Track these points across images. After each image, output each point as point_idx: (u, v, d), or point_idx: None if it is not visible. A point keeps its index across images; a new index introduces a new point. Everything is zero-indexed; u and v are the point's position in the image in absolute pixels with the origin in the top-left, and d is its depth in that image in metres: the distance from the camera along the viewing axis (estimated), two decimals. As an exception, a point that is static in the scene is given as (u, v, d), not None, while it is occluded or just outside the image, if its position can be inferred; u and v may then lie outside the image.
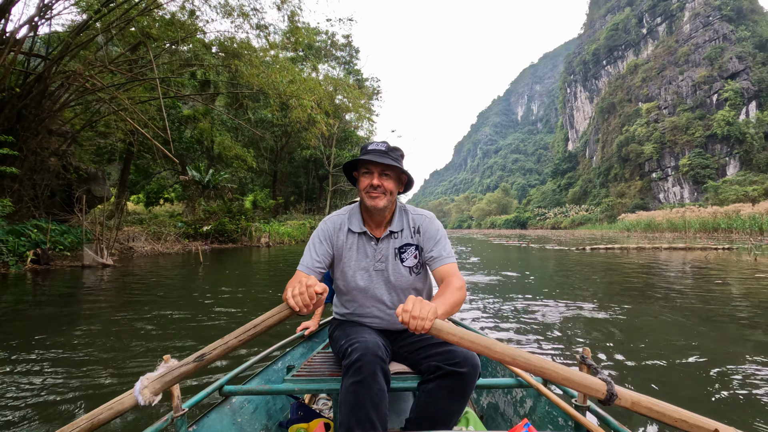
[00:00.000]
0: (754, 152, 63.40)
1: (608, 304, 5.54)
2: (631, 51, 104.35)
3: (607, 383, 1.02)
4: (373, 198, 1.57)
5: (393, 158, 1.58)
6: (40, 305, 5.32)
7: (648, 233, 40.82)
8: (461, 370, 1.40)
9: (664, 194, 77.80)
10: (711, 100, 74.97)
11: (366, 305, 1.68)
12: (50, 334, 3.88)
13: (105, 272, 8.22)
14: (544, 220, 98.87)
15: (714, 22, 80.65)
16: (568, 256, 14.83)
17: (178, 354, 3.03)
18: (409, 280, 1.66)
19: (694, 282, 7.65)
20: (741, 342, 3.74)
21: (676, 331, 4.12)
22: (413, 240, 1.66)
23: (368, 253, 1.66)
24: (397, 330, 1.71)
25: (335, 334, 1.70)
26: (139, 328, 4.15)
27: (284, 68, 12.75)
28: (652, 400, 0.99)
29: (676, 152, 75.87)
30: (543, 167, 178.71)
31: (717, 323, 4.42)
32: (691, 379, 2.84)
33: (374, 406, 1.31)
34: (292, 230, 22.19)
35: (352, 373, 1.35)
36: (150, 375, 1.04)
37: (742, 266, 10.07)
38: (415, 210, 1.73)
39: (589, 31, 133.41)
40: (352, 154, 36.31)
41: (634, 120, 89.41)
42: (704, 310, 5.05)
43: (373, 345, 1.42)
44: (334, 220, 1.69)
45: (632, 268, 10.43)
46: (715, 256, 13.21)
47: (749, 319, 4.60)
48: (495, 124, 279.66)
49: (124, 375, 2.92)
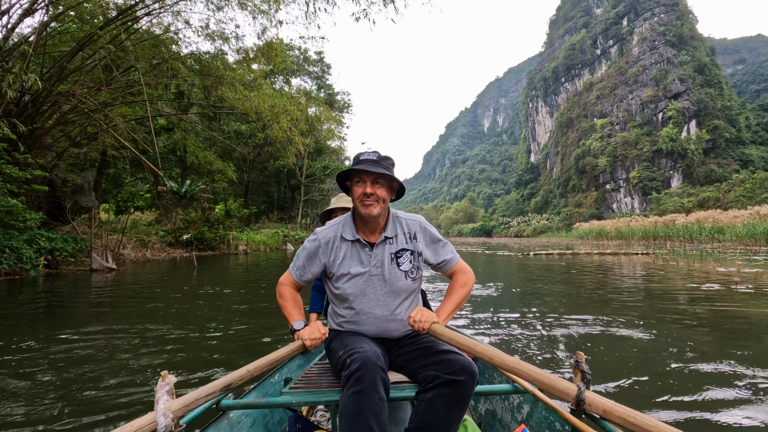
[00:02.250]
0: (695, 166, 69.05)
1: (509, 291, 7.25)
2: (586, 70, 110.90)
3: (579, 389, 1.05)
4: (367, 206, 1.63)
5: (384, 167, 1.65)
6: (79, 302, 6.47)
7: (598, 240, 44.16)
8: (459, 379, 1.43)
9: (617, 204, 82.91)
10: (657, 117, 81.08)
11: (363, 311, 1.70)
12: (99, 323, 5.14)
13: (111, 275, 9.29)
14: (508, 229, 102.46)
15: (659, 46, 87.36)
16: (509, 260, 16.88)
17: (183, 355, 3.87)
18: (405, 283, 1.70)
19: (586, 276, 9.59)
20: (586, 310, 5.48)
21: (547, 308, 5.83)
22: (409, 245, 1.73)
23: (363, 260, 1.70)
24: (393, 338, 1.74)
25: (332, 344, 1.71)
26: (166, 319, 5.44)
27: (266, 94, 14.09)
28: (629, 411, 1.00)
29: (627, 165, 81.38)
30: (508, 177, 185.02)
31: (580, 304, 6.19)
32: (544, 342, 4.50)
33: (375, 415, 1.32)
34: (266, 239, 23.34)
35: (353, 383, 1.37)
36: (173, 403, 1.06)
37: (644, 266, 12.20)
38: (407, 216, 1.81)
39: (549, 49, 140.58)
40: (324, 164, 37.61)
41: (589, 134, 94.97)
42: (575, 295, 6.84)
43: (373, 355, 1.44)
44: (326, 233, 1.75)
45: (551, 267, 12.46)
46: (627, 260, 15.52)
47: (591, 296, 6.39)
48: (462, 135, 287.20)
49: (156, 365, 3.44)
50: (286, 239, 26.53)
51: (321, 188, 39.03)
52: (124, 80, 13.81)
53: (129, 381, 2.99)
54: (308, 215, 41.86)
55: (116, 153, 16.24)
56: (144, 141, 15.31)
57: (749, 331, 4.43)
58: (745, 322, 4.83)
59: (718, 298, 6.55)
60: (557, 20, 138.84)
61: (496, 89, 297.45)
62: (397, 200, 1.81)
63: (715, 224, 31.22)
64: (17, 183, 8.68)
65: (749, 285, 7.85)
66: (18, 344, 3.91)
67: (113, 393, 2.75)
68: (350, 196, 1.72)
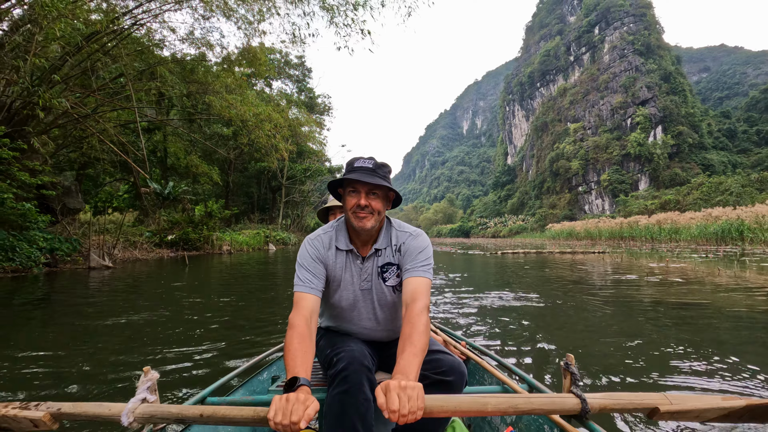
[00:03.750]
0: (660, 170, 72.55)
1: (467, 279, 8.43)
2: (560, 76, 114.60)
3: (581, 399, 1.07)
4: (360, 219, 1.53)
5: (381, 176, 1.54)
6: (90, 297, 7.30)
7: (568, 241, 46.24)
8: (448, 379, 1.43)
9: (588, 206, 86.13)
10: (626, 123, 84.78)
11: (353, 321, 1.68)
12: (112, 316, 6.04)
13: (108, 273, 10.03)
14: (486, 229, 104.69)
15: (628, 54, 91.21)
16: (480, 258, 18.21)
17: (173, 333, 4.93)
18: (392, 297, 1.64)
19: (535, 271, 10.89)
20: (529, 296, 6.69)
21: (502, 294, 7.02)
22: (394, 259, 1.63)
23: (354, 272, 1.64)
24: (382, 341, 1.72)
25: (321, 343, 1.68)
26: (170, 308, 6.37)
27: (251, 102, 14.99)
28: (612, 396, 1.08)
29: (598, 168, 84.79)
30: (486, 179, 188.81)
31: (527, 291, 7.42)
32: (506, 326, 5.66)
33: (360, 416, 1.30)
34: (249, 239, 24.11)
35: (338, 382, 1.35)
36: (142, 407, 1.09)
37: (592, 262, 13.64)
38: (402, 226, 1.70)
39: (525, 54, 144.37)
40: (304, 167, 38.37)
41: (563, 138, 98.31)
42: (513, 281, 8.09)
43: (360, 354, 1.43)
44: (322, 239, 1.65)
45: (511, 264, 13.75)
46: (581, 258, 17.04)
47: (523, 281, 7.63)
48: (442, 137, 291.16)
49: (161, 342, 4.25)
50: (267, 240, 27.27)
51: (301, 190, 39.73)
52: (112, 87, 14.43)
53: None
54: (289, 216, 42.50)
55: (100, 155, 16.78)
56: (130, 144, 15.94)
57: (634, 306, 5.71)
58: (633, 300, 6.13)
59: (625, 283, 7.99)
60: (533, 26, 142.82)
61: (474, 92, 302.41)
62: (393, 209, 1.68)
63: (672, 225, 33.40)
64: (28, 188, 9.35)
65: (659, 276, 9.35)
66: (50, 333, 4.80)
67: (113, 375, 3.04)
68: (342, 204, 1.62)
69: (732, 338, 4.08)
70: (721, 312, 5.28)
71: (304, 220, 45.47)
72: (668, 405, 1.04)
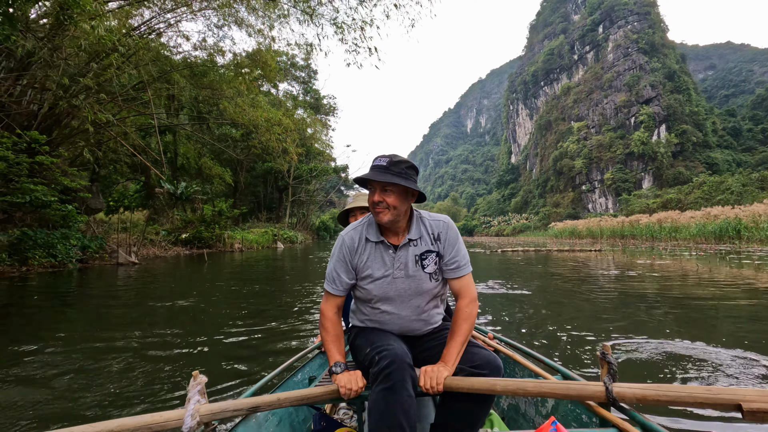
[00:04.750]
0: (664, 169, 72.60)
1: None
2: (564, 74, 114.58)
3: (606, 387, 1.07)
4: (377, 213, 1.63)
5: (395, 173, 1.61)
6: (128, 290, 8.14)
7: (570, 239, 46.77)
8: (483, 372, 1.47)
9: (592, 204, 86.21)
10: (630, 122, 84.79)
11: (387, 312, 1.72)
12: (156, 301, 6.85)
13: (135, 269, 10.92)
14: (489, 228, 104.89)
15: (632, 53, 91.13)
16: (482, 256, 19.00)
17: (210, 348, 5.21)
18: (429, 286, 1.70)
19: (525, 264, 11.63)
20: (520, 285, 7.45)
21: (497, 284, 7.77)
22: (434, 247, 1.70)
23: (386, 262, 1.70)
24: (417, 334, 1.78)
25: (357, 342, 1.75)
26: (199, 304, 7.18)
27: (262, 108, 15.86)
28: (660, 388, 1.05)
29: (602, 167, 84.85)
30: (490, 177, 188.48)
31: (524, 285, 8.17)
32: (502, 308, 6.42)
33: (404, 412, 1.35)
34: (258, 237, 25.05)
35: (382, 380, 1.40)
36: (202, 407, 1.12)
37: (584, 259, 14.34)
38: (431, 216, 1.77)
39: (529, 53, 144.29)
40: (310, 167, 39.24)
41: (567, 137, 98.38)
42: (502, 273, 8.83)
43: (401, 352, 1.47)
44: (352, 235, 1.74)
45: (509, 260, 14.46)
46: (578, 255, 17.82)
47: (510, 273, 8.38)
48: (446, 135, 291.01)
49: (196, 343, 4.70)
50: (276, 238, 28.16)
51: (308, 189, 40.55)
52: (133, 93, 15.30)
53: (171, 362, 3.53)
54: (295, 215, 43.40)
55: (120, 158, 17.69)
56: (146, 146, 16.85)
57: (616, 299, 6.46)
58: (613, 291, 6.88)
59: (608, 277, 8.70)
60: (537, 25, 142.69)
61: (479, 90, 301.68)
62: (419, 203, 1.76)
63: (672, 224, 33.87)
64: (68, 191, 10.22)
65: (639, 271, 10.09)
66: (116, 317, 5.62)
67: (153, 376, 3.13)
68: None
69: (651, 319, 4.83)
70: (663, 296, 6.10)
71: (309, 219, 46.34)
72: (755, 402, 0.95)
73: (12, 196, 8.35)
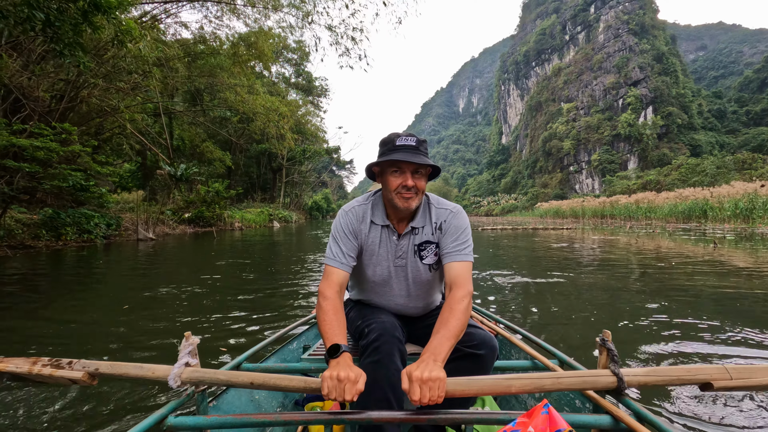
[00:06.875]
0: (649, 150, 74.29)
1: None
2: (555, 55, 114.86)
3: (617, 375, 1.07)
4: (406, 199, 1.51)
5: (424, 153, 1.51)
6: (160, 260, 9.56)
7: (554, 219, 48.62)
8: (479, 352, 1.44)
9: (579, 185, 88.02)
10: (617, 103, 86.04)
11: (385, 296, 1.70)
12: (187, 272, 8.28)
13: (152, 244, 12.29)
14: (479, 208, 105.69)
15: (622, 34, 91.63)
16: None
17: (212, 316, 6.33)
18: (428, 276, 1.64)
19: (505, 241, 13.23)
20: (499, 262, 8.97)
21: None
22: (434, 237, 1.60)
23: (389, 248, 1.63)
24: (413, 316, 1.74)
25: (351, 315, 1.71)
26: (220, 269, 8.62)
27: (261, 97, 17.07)
28: (656, 372, 1.08)
29: (589, 148, 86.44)
30: (481, 158, 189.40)
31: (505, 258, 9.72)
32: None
33: (391, 385, 1.32)
34: (255, 216, 26.56)
35: (370, 353, 1.39)
36: (188, 371, 1.17)
37: (554, 237, 16.01)
38: (441, 202, 1.66)
39: (521, 32, 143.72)
40: (303, 148, 40.21)
41: (556, 118, 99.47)
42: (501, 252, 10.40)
43: (391, 326, 1.46)
44: (356, 211, 1.64)
45: (484, 237, 16.10)
46: (551, 233, 19.50)
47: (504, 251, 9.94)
48: (438, 115, 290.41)
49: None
50: (272, 217, 29.59)
51: (300, 170, 41.63)
52: (138, 80, 16.33)
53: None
54: (288, 195, 44.60)
55: (124, 141, 18.86)
56: (147, 128, 18.02)
57: (565, 266, 8.02)
58: (562, 258, 8.45)
59: (559, 250, 10.31)
60: (530, 4, 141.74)
61: (471, 70, 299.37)
62: (430, 181, 1.61)
63: (649, 205, 35.67)
64: (99, 175, 11.48)
65: (593, 245, 11.74)
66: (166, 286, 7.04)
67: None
68: (381, 183, 1.60)
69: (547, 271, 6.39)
70: (581, 261, 7.65)
71: (302, 199, 47.60)
72: (726, 380, 1.02)
73: (57, 180, 9.58)
